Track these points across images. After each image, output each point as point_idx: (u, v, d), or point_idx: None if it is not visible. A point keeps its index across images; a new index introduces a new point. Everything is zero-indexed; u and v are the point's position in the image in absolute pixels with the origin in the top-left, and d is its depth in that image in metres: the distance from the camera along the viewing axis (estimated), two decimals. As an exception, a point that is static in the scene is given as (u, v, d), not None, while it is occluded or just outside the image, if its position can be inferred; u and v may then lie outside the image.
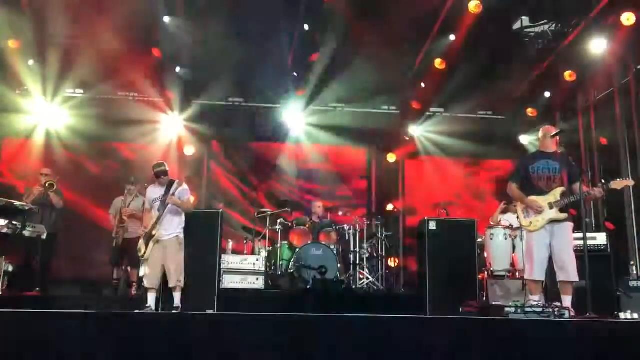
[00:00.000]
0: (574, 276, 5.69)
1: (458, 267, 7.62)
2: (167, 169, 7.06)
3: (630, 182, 5.92)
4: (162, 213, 6.80)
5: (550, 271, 5.99)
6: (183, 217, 7.02)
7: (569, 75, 10.48)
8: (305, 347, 4.52)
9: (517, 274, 7.99)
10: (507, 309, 5.66)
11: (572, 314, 5.56)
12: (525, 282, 7.09)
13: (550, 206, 5.77)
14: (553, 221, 5.78)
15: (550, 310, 5.51)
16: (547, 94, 11.38)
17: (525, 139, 12.03)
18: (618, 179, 5.85)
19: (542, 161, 5.95)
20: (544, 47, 10.75)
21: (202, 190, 11.79)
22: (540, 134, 6.15)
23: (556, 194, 5.81)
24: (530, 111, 11.73)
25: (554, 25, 10.49)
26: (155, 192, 7.03)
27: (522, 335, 4.71)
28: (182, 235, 6.96)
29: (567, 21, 10.25)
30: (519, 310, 5.58)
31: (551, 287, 6.70)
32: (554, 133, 5.98)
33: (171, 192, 6.82)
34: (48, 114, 11.29)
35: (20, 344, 4.32)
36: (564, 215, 5.77)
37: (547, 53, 10.67)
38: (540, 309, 5.53)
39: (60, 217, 8.96)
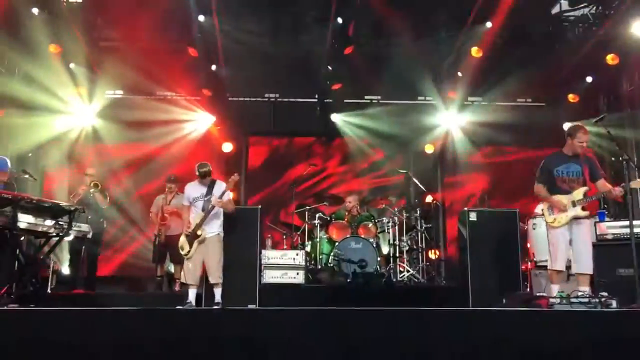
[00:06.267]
0: (589, 268, 6.03)
1: (500, 258, 7.48)
2: (211, 169, 7.14)
3: None
4: (208, 214, 6.88)
5: (596, 261, 6.04)
6: (222, 214, 7.11)
7: (611, 59, 10.19)
8: (348, 341, 4.52)
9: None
10: (551, 300, 5.57)
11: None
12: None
13: (574, 204, 6.10)
14: (575, 218, 6.10)
15: (597, 300, 5.38)
16: (589, 79, 11.09)
17: (568, 126, 11.75)
18: (638, 179, 6.05)
19: (565, 164, 6.28)
20: (584, 31, 10.47)
21: (241, 187, 11.87)
22: (574, 138, 6.21)
23: (579, 193, 6.11)
24: (571, 97, 11.44)
25: (594, 8, 10.21)
26: (195, 190, 7.10)
27: (569, 327, 4.62)
28: (222, 233, 7.05)
29: (608, 3, 9.97)
30: (564, 301, 5.48)
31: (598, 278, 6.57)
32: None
33: (218, 194, 6.92)
34: (89, 115, 11.54)
35: (70, 339, 4.45)
36: (585, 213, 6.10)
37: (588, 37, 10.40)
38: (587, 299, 5.41)
39: (104, 217, 9.15)
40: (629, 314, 4.97)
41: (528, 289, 7.61)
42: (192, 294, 6.82)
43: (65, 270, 9.17)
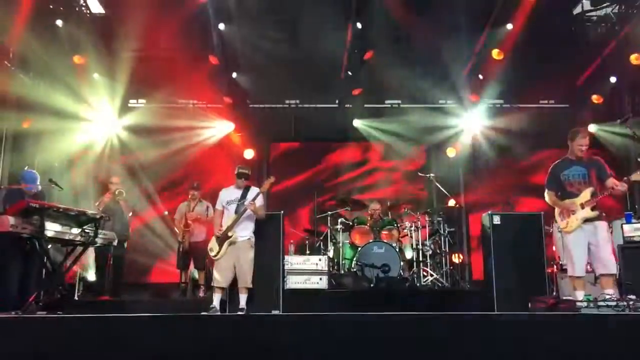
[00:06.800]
0: (611, 268, 6.02)
1: (525, 261, 7.36)
2: (250, 173, 7.24)
3: None
4: (240, 216, 6.92)
5: (623, 264, 5.96)
6: (254, 220, 7.16)
7: (635, 59, 10.06)
8: (371, 346, 4.51)
9: (588, 266, 7.70)
10: (578, 304, 5.50)
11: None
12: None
13: (582, 206, 6.17)
14: (587, 220, 6.15)
15: (624, 303, 5.30)
16: (613, 79, 10.95)
17: (593, 128, 11.58)
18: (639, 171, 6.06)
19: (571, 168, 6.39)
20: (607, 31, 10.34)
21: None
22: (573, 141, 6.41)
23: (586, 194, 6.18)
24: (595, 98, 11.29)
25: (616, 7, 10.09)
26: (230, 194, 7.17)
27: (596, 331, 4.55)
28: (253, 238, 7.10)
29: (630, 2, 9.84)
30: (591, 305, 5.40)
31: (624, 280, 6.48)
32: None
33: (251, 198, 6.96)
34: (114, 124, 11.72)
35: (95, 346, 4.51)
36: (595, 213, 6.12)
37: (611, 36, 10.27)
38: (614, 303, 5.33)
39: (128, 224, 9.26)
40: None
41: (554, 293, 7.50)
42: (216, 300, 6.84)
43: (92, 277, 9.29)
